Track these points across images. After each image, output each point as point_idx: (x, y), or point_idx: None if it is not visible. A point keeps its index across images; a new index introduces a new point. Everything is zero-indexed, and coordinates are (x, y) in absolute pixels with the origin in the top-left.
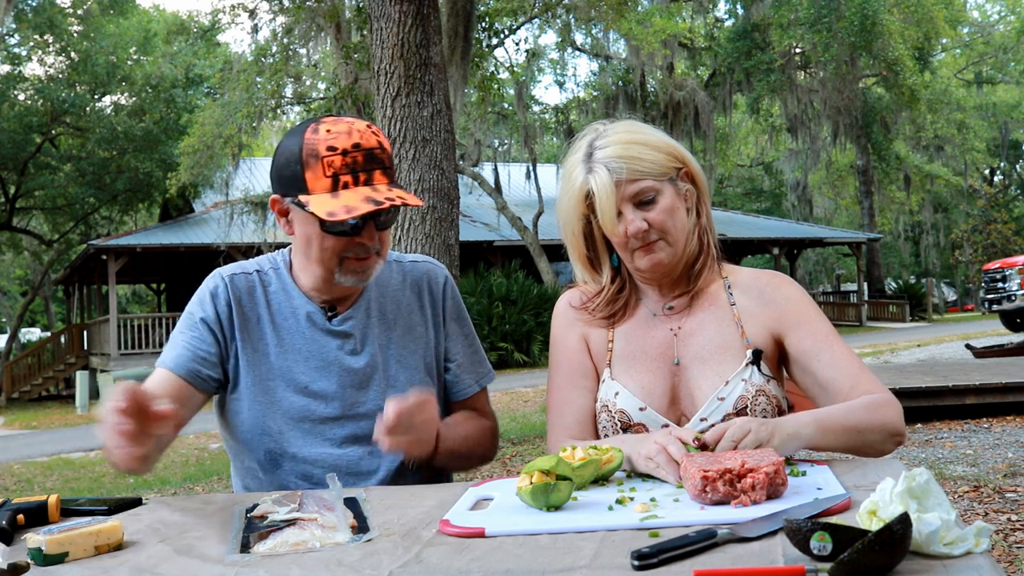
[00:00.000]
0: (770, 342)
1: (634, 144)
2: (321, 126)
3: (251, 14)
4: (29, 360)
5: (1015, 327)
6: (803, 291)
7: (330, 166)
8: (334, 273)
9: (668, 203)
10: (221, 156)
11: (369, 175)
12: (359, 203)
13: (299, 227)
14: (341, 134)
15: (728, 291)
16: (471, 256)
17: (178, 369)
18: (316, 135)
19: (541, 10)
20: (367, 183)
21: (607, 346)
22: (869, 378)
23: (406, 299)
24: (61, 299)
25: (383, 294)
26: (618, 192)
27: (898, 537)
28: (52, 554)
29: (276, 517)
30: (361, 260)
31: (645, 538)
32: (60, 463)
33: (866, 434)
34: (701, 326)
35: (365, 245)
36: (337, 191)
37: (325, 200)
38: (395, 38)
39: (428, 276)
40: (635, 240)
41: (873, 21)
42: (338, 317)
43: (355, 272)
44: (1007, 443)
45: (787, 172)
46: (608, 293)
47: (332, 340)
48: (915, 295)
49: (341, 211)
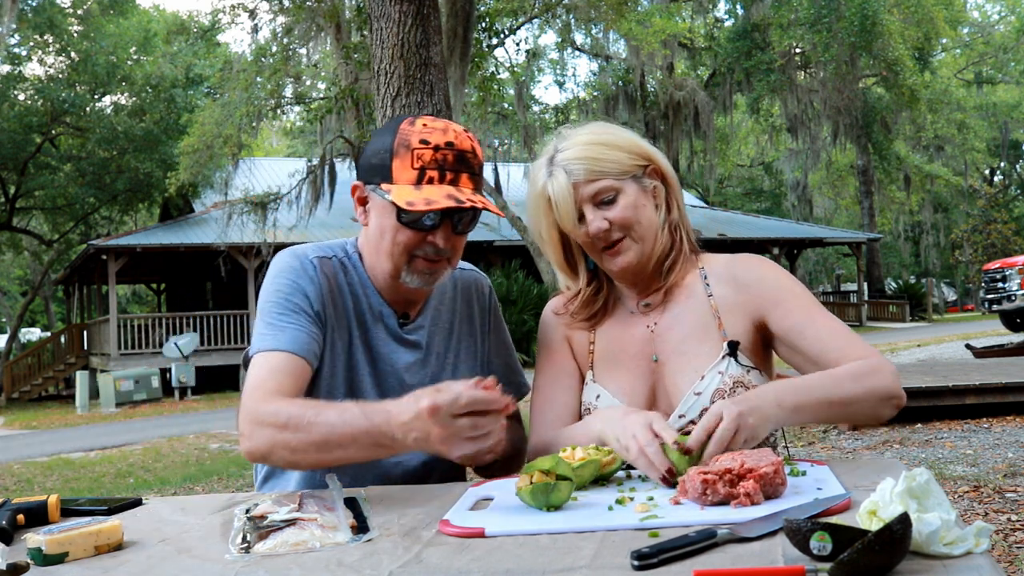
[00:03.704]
0: (752, 328)
1: (594, 145)
2: (419, 120)
3: (251, 14)
4: (29, 360)
5: (1015, 327)
6: (778, 268)
7: (419, 159)
8: (401, 270)
9: (630, 201)
10: (221, 156)
11: (456, 175)
12: (440, 198)
13: (375, 217)
14: (437, 130)
15: (705, 281)
16: (471, 256)
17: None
18: (412, 127)
19: (541, 10)
20: (453, 183)
21: (588, 348)
22: (860, 345)
23: (459, 308)
24: (61, 299)
25: (441, 302)
26: (576, 193)
27: (898, 537)
28: (52, 554)
29: (276, 517)
30: (431, 262)
31: (645, 538)
32: (60, 463)
33: (855, 404)
34: (678, 320)
35: (437, 246)
36: (421, 184)
37: (407, 190)
38: (395, 38)
39: (476, 285)
40: (599, 240)
41: (873, 21)
42: (410, 325)
43: (422, 273)
44: (1007, 443)
45: (787, 172)
46: (585, 295)
47: (402, 350)
48: (915, 295)
49: (421, 202)
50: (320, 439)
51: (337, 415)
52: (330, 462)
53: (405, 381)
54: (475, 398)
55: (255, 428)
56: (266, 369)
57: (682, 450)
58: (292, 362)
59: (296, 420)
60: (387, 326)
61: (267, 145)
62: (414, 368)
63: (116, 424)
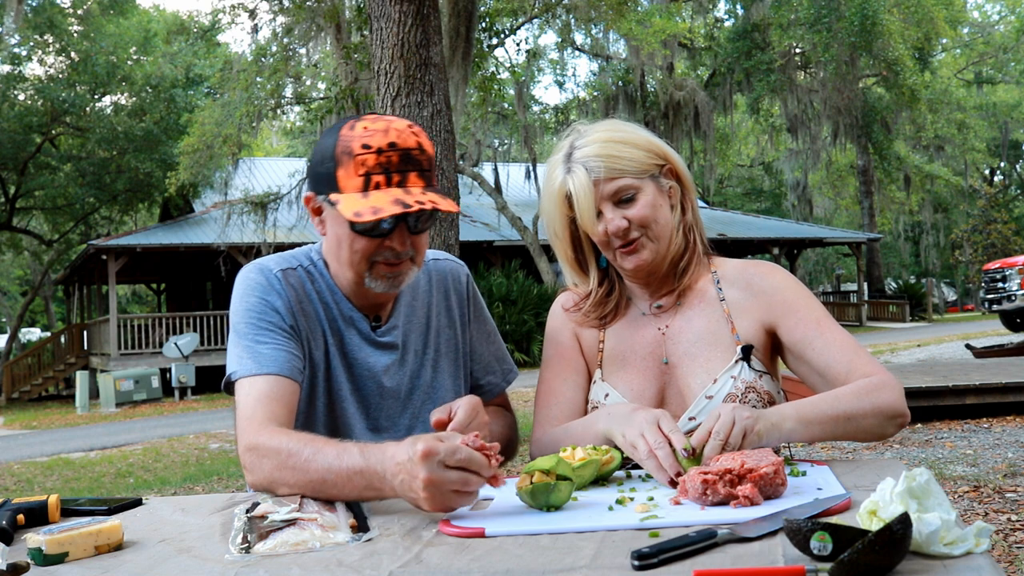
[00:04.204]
0: (762, 334)
1: (613, 143)
2: (359, 123)
3: (251, 14)
4: (29, 360)
5: (1015, 327)
6: (792, 278)
7: (363, 164)
8: (364, 277)
9: (649, 200)
10: (221, 156)
11: (403, 176)
12: (387, 204)
13: (331, 227)
14: (377, 132)
15: (717, 285)
16: (471, 256)
17: (287, 372)
18: (352, 131)
19: (541, 10)
20: (400, 184)
21: (598, 347)
22: (866, 360)
23: (435, 301)
24: (61, 299)
25: (415, 298)
26: (596, 191)
27: (898, 537)
28: (52, 554)
29: (276, 517)
30: (392, 265)
31: (645, 538)
32: (60, 463)
33: (858, 420)
34: (690, 323)
35: (396, 250)
36: (368, 191)
37: (354, 200)
38: (395, 38)
39: (452, 275)
40: (616, 239)
41: (873, 21)
42: (383, 327)
43: (386, 277)
44: (1007, 443)
45: (787, 172)
46: (597, 296)
47: (377, 353)
48: (915, 295)
49: (368, 212)
50: (317, 479)
51: (335, 455)
52: (329, 497)
53: (384, 385)
54: (471, 458)
55: (255, 462)
56: (254, 397)
57: (692, 455)
58: (278, 385)
59: (294, 459)
60: (360, 331)
61: (267, 145)
62: (392, 370)
63: (116, 424)
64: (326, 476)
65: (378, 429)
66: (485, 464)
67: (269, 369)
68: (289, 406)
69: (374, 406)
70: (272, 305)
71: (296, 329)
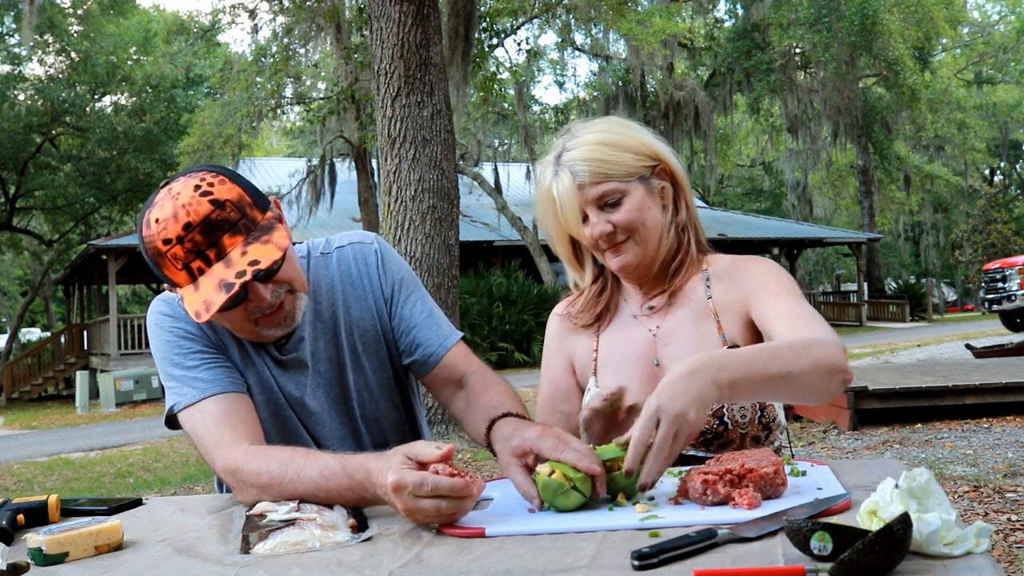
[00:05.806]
0: (744, 327)
1: (602, 146)
2: (151, 215)
3: (251, 14)
4: (29, 360)
5: (1015, 327)
6: (772, 266)
7: (175, 259)
8: (257, 333)
9: (635, 204)
10: (221, 156)
11: (218, 247)
12: (214, 293)
13: None
14: (168, 220)
15: (706, 283)
16: (471, 256)
17: (230, 387)
18: (150, 230)
19: (541, 10)
20: (220, 257)
21: (592, 356)
22: (811, 324)
23: (343, 297)
24: (61, 299)
25: (318, 299)
26: (580, 195)
27: (898, 537)
28: (52, 554)
29: (276, 517)
30: (269, 315)
31: (645, 538)
32: (60, 463)
33: (799, 377)
34: (680, 325)
35: (261, 304)
36: (196, 280)
37: (191, 295)
38: (395, 38)
39: (355, 256)
40: (602, 242)
41: (873, 21)
42: (288, 345)
43: (275, 324)
44: (1007, 443)
45: (787, 172)
46: (588, 296)
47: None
48: (915, 295)
49: (203, 309)
50: (309, 495)
51: (319, 473)
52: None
53: (308, 407)
54: (439, 485)
55: (240, 487)
56: (211, 422)
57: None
58: (228, 402)
59: (278, 482)
60: (270, 354)
61: (267, 145)
62: (310, 390)
63: (116, 424)
64: (315, 495)
65: (334, 440)
66: (460, 485)
67: (212, 390)
68: (249, 419)
69: (314, 425)
70: (186, 331)
71: (222, 344)
